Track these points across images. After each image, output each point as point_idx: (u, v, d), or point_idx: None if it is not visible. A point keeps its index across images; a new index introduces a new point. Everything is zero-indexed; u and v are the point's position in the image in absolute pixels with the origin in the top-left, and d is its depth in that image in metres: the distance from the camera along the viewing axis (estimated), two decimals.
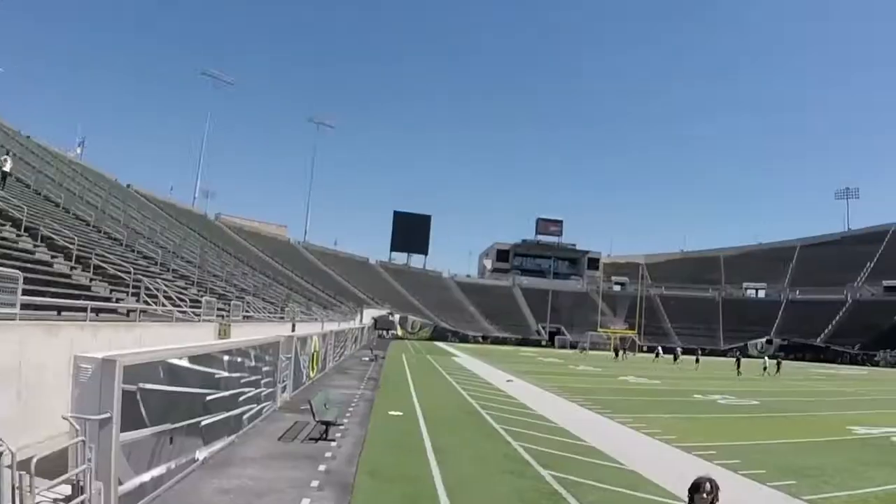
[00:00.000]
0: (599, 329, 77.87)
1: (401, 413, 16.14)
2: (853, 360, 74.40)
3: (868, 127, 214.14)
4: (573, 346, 79.86)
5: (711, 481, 4.36)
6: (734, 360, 46.72)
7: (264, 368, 13.96)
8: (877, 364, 70.50)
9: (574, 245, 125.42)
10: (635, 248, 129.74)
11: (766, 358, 47.33)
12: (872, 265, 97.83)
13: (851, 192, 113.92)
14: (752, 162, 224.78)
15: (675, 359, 58.75)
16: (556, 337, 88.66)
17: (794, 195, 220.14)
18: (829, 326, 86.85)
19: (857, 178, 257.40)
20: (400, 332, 79.51)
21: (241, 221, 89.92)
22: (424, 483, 9.11)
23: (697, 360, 52.96)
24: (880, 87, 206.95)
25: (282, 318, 23.45)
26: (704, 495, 4.30)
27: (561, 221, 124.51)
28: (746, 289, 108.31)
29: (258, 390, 13.25)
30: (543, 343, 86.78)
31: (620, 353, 63.66)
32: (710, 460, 11.82)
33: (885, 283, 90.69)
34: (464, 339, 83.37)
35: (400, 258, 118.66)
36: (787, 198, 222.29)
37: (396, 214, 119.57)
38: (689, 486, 4.46)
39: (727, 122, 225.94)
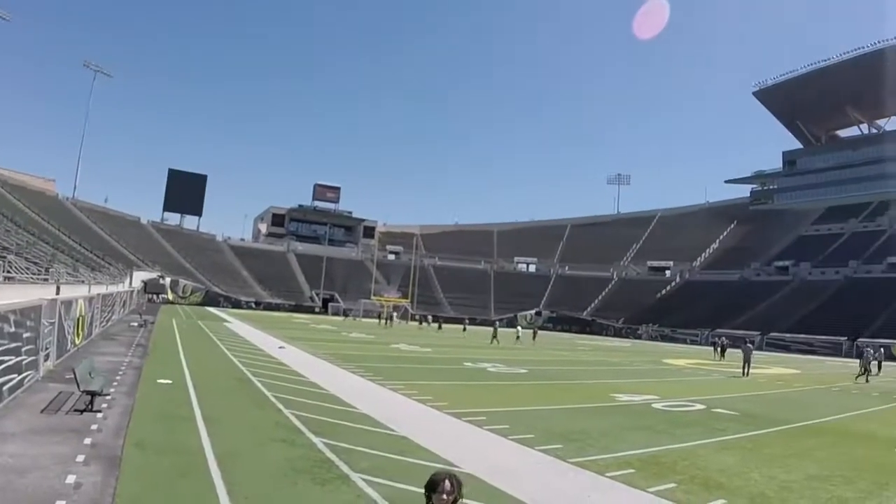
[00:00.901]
0: (373, 297, 78.31)
1: (170, 381, 15.28)
2: (617, 333, 78.27)
3: (638, 119, 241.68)
4: (346, 314, 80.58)
5: (452, 478, 3.48)
6: (492, 329, 48.40)
7: (25, 335, 12.61)
8: (639, 337, 75.74)
9: (350, 213, 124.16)
10: (411, 220, 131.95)
11: (520, 328, 49.55)
12: (638, 246, 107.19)
13: (623, 178, 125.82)
14: (528, 145, 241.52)
15: (439, 326, 62.26)
16: (330, 304, 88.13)
17: (570, 180, 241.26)
18: (596, 301, 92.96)
19: (629, 166, 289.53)
20: (171, 297, 73.98)
21: (4, 173, 77.34)
22: (194, 454, 8.81)
23: (464, 329, 56.66)
24: (654, 85, 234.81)
25: (46, 279, 20.96)
26: (444, 496, 3.37)
27: (338, 188, 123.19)
28: (518, 263, 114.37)
29: (19, 358, 11.98)
30: (317, 310, 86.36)
31: (385, 321, 65.64)
32: (481, 426, 11.91)
33: (650, 263, 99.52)
34: (236, 304, 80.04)
35: (173, 219, 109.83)
36: (564, 182, 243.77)
37: (171, 172, 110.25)
38: (425, 483, 3.52)
39: (503, 111, 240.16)
